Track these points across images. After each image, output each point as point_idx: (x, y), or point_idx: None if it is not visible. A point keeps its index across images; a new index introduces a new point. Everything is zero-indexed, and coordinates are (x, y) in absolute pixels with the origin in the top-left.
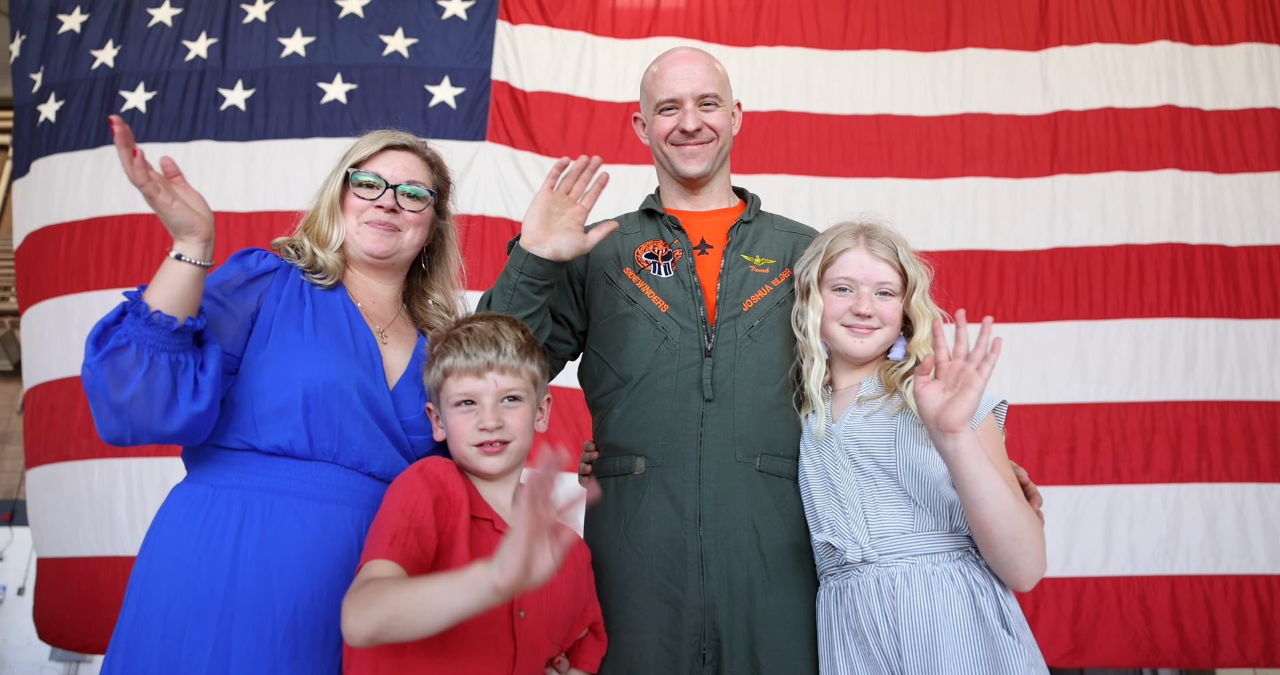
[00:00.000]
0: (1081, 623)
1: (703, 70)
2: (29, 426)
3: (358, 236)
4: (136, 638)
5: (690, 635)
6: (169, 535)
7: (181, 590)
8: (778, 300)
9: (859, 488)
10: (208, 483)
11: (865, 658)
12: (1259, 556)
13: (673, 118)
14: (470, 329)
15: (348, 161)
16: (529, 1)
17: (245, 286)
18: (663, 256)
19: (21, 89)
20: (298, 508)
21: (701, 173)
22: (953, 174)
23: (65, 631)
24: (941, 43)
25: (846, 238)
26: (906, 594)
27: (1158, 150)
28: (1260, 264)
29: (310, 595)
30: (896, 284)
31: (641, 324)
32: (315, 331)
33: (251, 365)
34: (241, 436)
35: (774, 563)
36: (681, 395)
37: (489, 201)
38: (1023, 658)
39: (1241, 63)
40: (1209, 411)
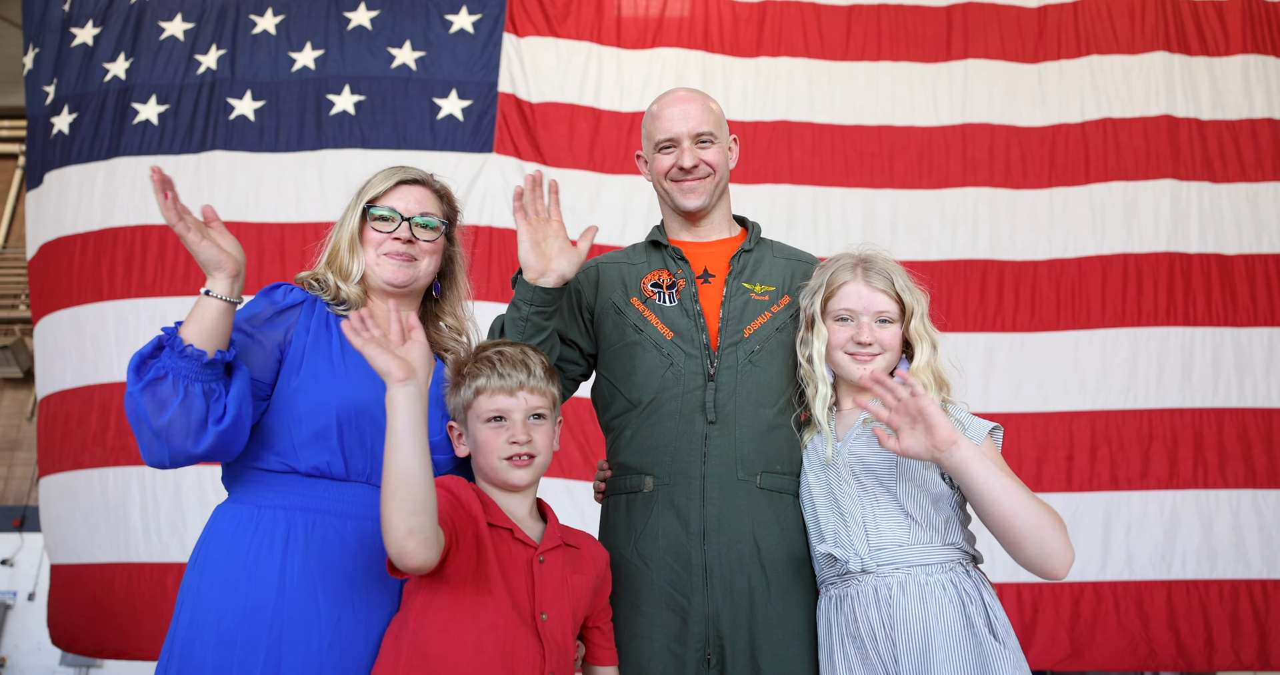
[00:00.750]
0: (1080, 627)
1: (698, 110)
2: (42, 435)
3: (377, 267)
4: (190, 646)
5: (696, 642)
6: (218, 552)
7: (233, 602)
8: (777, 326)
9: (860, 503)
10: (252, 503)
11: (864, 661)
12: (1254, 561)
13: (671, 155)
14: (502, 352)
15: (364, 197)
16: (535, 14)
17: (273, 319)
18: (667, 286)
19: (35, 101)
20: (336, 525)
21: (700, 206)
22: (953, 184)
23: (79, 637)
24: (942, 54)
25: (845, 270)
26: (902, 602)
27: (1156, 160)
28: (1257, 272)
29: (352, 605)
30: (894, 312)
31: (648, 351)
32: (344, 361)
33: (285, 393)
34: (284, 460)
35: (774, 574)
36: (686, 418)
37: (496, 213)
38: (1007, 661)
39: (1238, 73)
40: (1205, 419)
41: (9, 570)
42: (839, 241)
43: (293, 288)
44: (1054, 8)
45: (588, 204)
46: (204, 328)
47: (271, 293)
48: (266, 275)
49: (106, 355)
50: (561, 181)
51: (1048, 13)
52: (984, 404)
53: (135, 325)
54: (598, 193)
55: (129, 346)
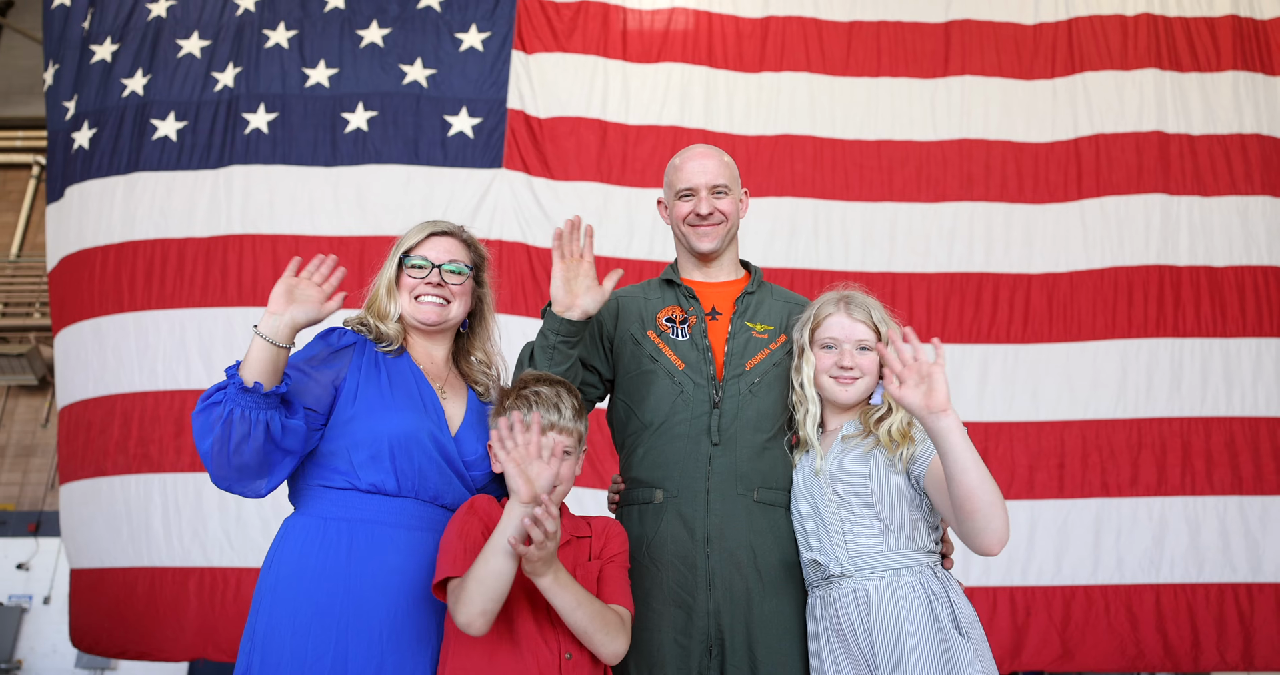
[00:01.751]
0: (1071, 629)
1: (715, 165)
2: (63, 443)
3: (414, 310)
4: (269, 638)
5: (700, 635)
6: (290, 558)
7: (306, 601)
8: (774, 361)
9: (839, 514)
10: (318, 516)
11: (846, 654)
12: (1240, 565)
13: (689, 203)
14: (539, 393)
15: (400, 249)
16: (543, 30)
17: (328, 359)
18: (680, 321)
19: (55, 116)
20: (391, 535)
21: (713, 249)
22: (951, 198)
23: (101, 639)
24: (940, 70)
25: (829, 305)
26: (877, 602)
27: (1147, 175)
28: (1246, 284)
29: (406, 602)
30: (872, 340)
31: (661, 379)
32: (392, 393)
33: (342, 421)
34: (346, 478)
35: (768, 577)
36: (693, 439)
37: (505, 227)
38: (969, 651)
39: (1229, 89)
40: (1193, 427)
41: (25, 574)
42: (839, 253)
43: (345, 331)
44: (1049, 25)
45: (595, 215)
46: (258, 368)
47: (327, 337)
48: None
49: (127, 365)
50: (568, 193)
51: (1043, 30)
52: (978, 413)
53: (155, 336)
54: (604, 204)
55: (149, 357)
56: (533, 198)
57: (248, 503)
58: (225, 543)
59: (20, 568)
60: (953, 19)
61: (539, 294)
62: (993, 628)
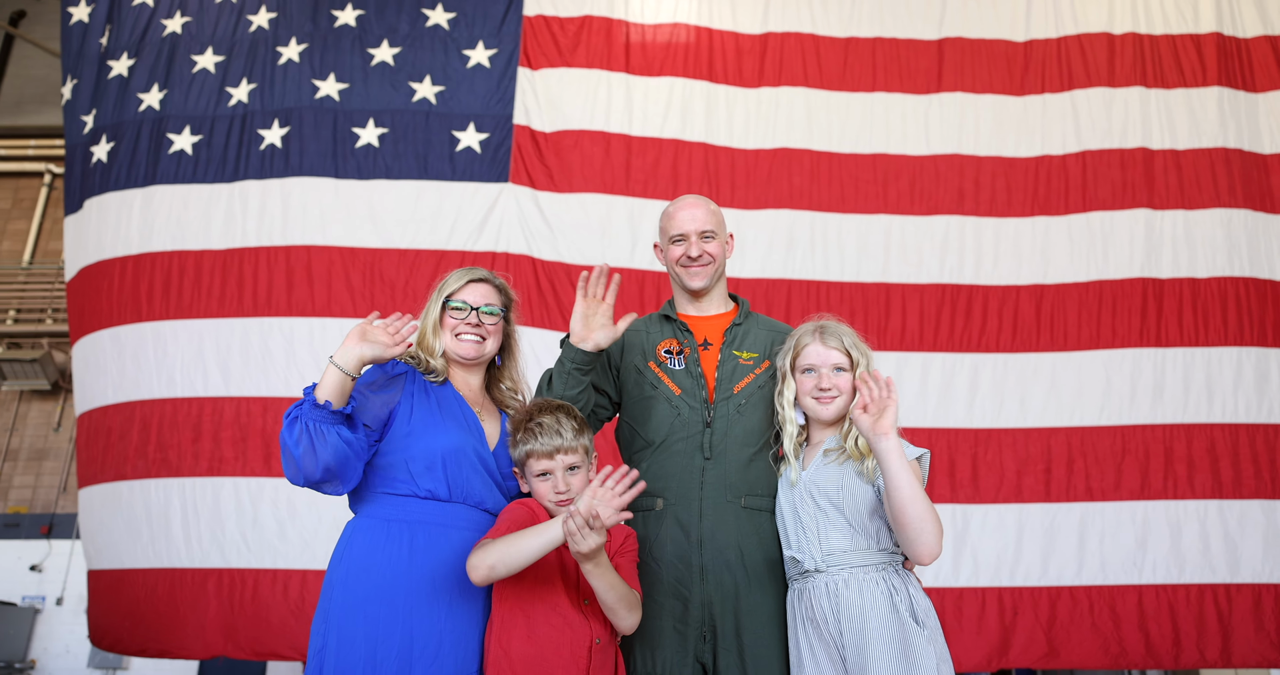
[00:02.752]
0: (1057, 628)
1: (704, 214)
2: (83, 448)
3: (455, 346)
4: (344, 621)
5: (695, 623)
6: (359, 553)
7: (375, 590)
8: (758, 385)
9: (815, 519)
10: (380, 518)
11: (819, 638)
12: (1219, 567)
13: (681, 247)
14: (541, 424)
15: (443, 294)
16: (548, 46)
17: (385, 385)
18: (676, 352)
19: (74, 130)
20: (445, 534)
21: (703, 286)
22: (943, 211)
23: (123, 638)
24: (934, 86)
25: (808, 336)
26: (846, 594)
27: (1131, 191)
28: (1229, 294)
29: (459, 590)
30: (846, 363)
31: (661, 403)
32: (441, 415)
33: (399, 437)
34: (407, 486)
35: (753, 573)
36: (689, 455)
37: (511, 240)
38: (924, 637)
39: (1214, 104)
40: (1175, 434)
41: (38, 576)
42: (835, 264)
43: (398, 362)
44: (1039, 42)
45: (598, 226)
46: (329, 391)
47: (384, 366)
48: (296, 296)
49: (146, 373)
50: (572, 205)
51: (1033, 47)
52: (969, 420)
53: (173, 345)
54: (608, 215)
55: (167, 365)
56: (538, 211)
57: (264, 506)
58: (243, 545)
59: (33, 569)
60: (945, 36)
61: (543, 305)
62: (982, 626)
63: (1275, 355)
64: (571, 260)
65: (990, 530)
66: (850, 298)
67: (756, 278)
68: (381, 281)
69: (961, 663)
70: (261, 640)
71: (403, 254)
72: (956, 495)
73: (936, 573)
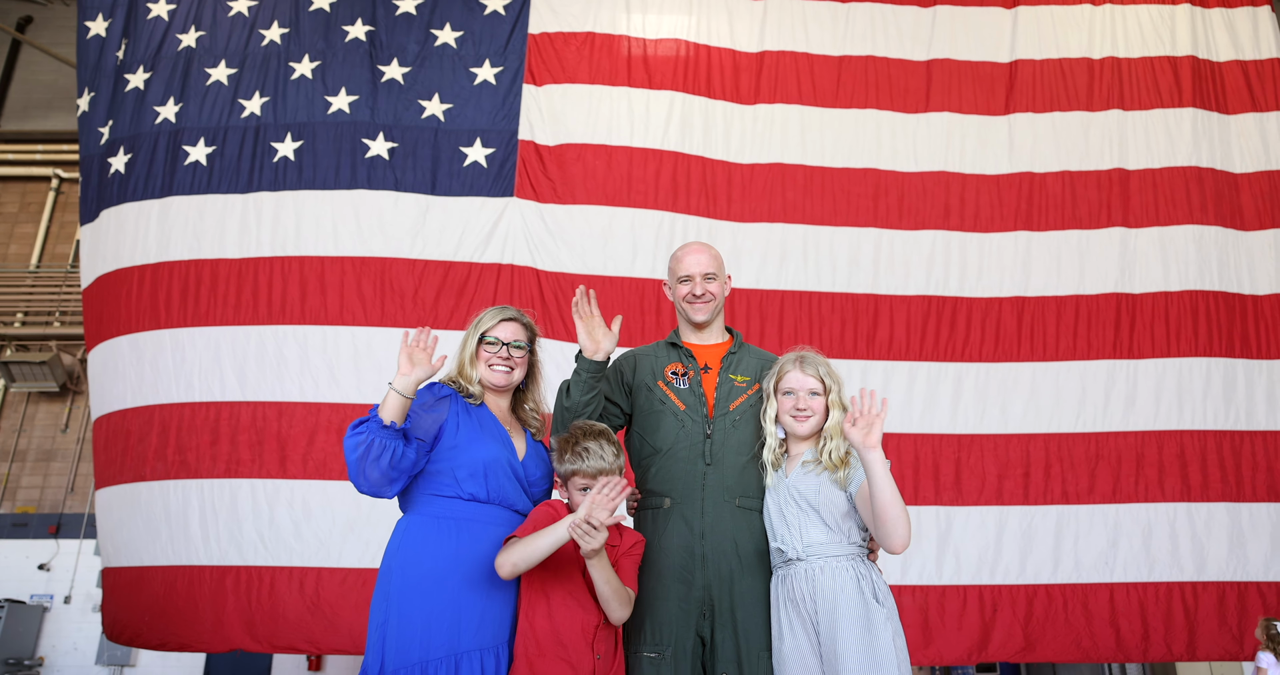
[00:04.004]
0: (1033, 623)
1: (707, 258)
2: (100, 450)
3: (488, 374)
4: (402, 601)
5: (696, 603)
6: (413, 545)
7: (429, 575)
8: (750, 403)
9: (798, 517)
10: (430, 515)
11: (798, 615)
12: (1187, 566)
13: (688, 286)
14: (588, 449)
15: (478, 330)
16: (552, 63)
17: (434, 405)
18: (681, 374)
19: (90, 141)
20: (486, 530)
21: (705, 320)
22: (930, 226)
23: (142, 632)
24: (922, 105)
25: (790, 364)
26: (821, 579)
27: (1107, 210)
28: (1200, 307)
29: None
30: (820, 389)
31: (668, 417)
32: (481, 432)
33: (447, 448)
34: (454, 490)
35: (745, 561)
36: (692, 462)
37: (516, 252)
38: (883, 614)
39: (1188, 124)
40: (1147, 440)
41: (46, 575)
42: (826, 275)
43: (444, 386)
44: (1024, 63)
45: (600, 236)
46: (390, 411)
47: (432, 388)
48: (310, 305)
49: (164, 378)
50: (574, 216)
51: (1018, 68)
52: (952, 426)
53: (191, 351)
54: (609, 225)
55: (185, 371)
56: (541, 223)
57: (280, 507)
58: (260, 544)
59: (42, 568)
60: (934, 58)
61: (545, 314)
62: (963, 622)
63: (1242, 365)
64: (574, 270)
65: (972, 530)
66: (841, 308)
67: (752, 288)
68: (392, 291)
69: (943, 656)
70: (279, 634)
71: (412, 264)
72: (940, 497)
73: (921, 571)
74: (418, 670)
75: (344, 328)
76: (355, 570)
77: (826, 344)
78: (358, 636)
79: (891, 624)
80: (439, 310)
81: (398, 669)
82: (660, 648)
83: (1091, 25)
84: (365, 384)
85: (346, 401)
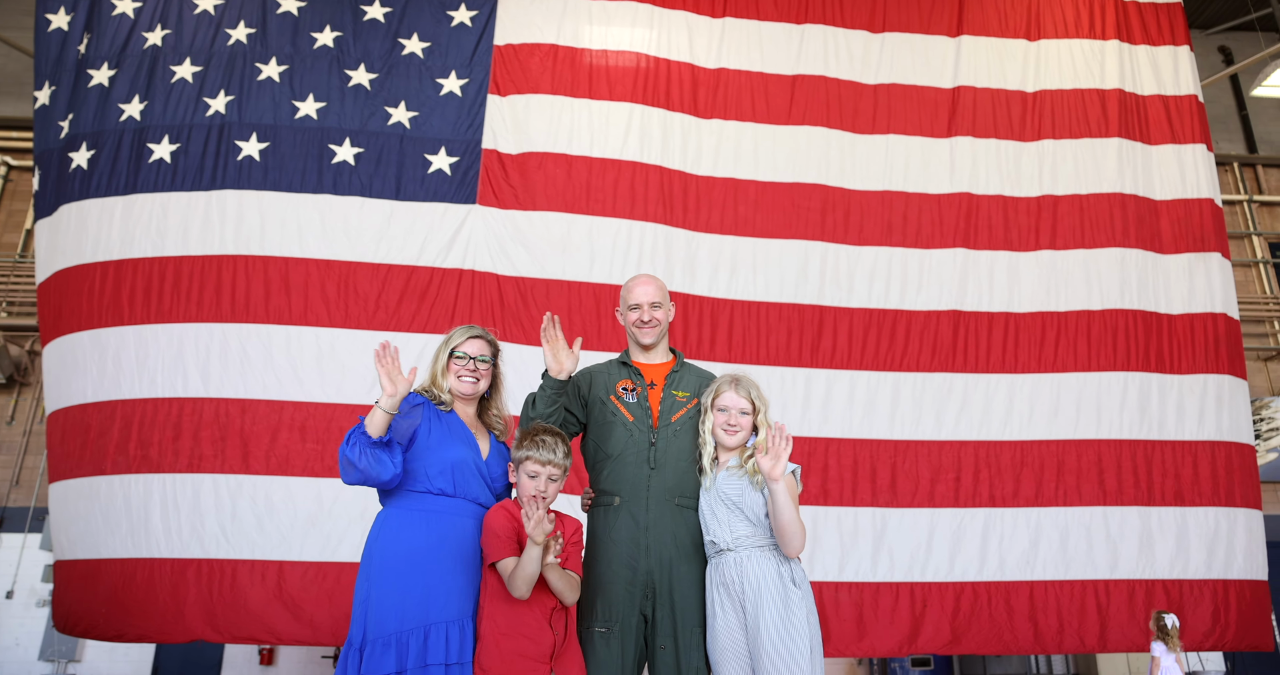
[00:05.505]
0: (959, 619)
1: (654, 289)
2: (57, 444)
3: (457, 384)
4: (381, 579)
5: (640, 585)
6: (392, 532)
7: (404, 557)
8: (689, 416)
9: (728, 514)
10: (406, 508)
11: (729, 597)
12: (1100, 565)
13: (636, 313)
14: (544, 441)
15: (449, 346)
16: (516, 74)
17: (409, 413)
18: (630, 390)
19: (49, 135)
20: (452, 520)
21: (651, 342)
22: (874, 242)
23: (98, 623)
24: (869, 126)
25: (725, 384)
26: (748, 566)
27: (1035, 234)
28: (1120, 325)
29: (461, 557)
30: (750, 408)
31: (619, 428)
32: (449, 435)
33: (421, 450)
34: (425, 485)
35: (682, 551)
36: (639, 466)
37: (478, 258)
38: (799, 596)
39: (1114, 153)
40: (1067, 449)
41: None
42: (775, 287)
43: (418, 395)
44: (966, 90)
45: (559, 242)
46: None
47: (407, 398)
48: (274, 305)
49: (127, 374)
50: (534, 223)
51: (961, 94)
52: (890, 432)
53: (154, 347)
54: (568, 232)
55: (148, 367)
56: (502, 229)
57: (242, 502)
58: (221, 537)
59: None
60: (881, 82)
61: (506, 317)
62: (894, 617)
63: (1156, 379)
64: (533, 274)
65: (905, 531)
66: (788, 318)
67: (704, 296)
68: (355, 294)
69: (875, 648)
70: (240, 625)
71: (375, 268)
72: (877, 499)
73: (857, 569)
74: (394, 639)
75: (308, 328)
76: (316, 563)
77: (773, 352)
78: (319, 628)
79: (806, 604)
80: (401, 313)
81: (376, 638)
82: (610, 624)
83: (1027, 59)
84: (328, 383)
85: (309, 400)
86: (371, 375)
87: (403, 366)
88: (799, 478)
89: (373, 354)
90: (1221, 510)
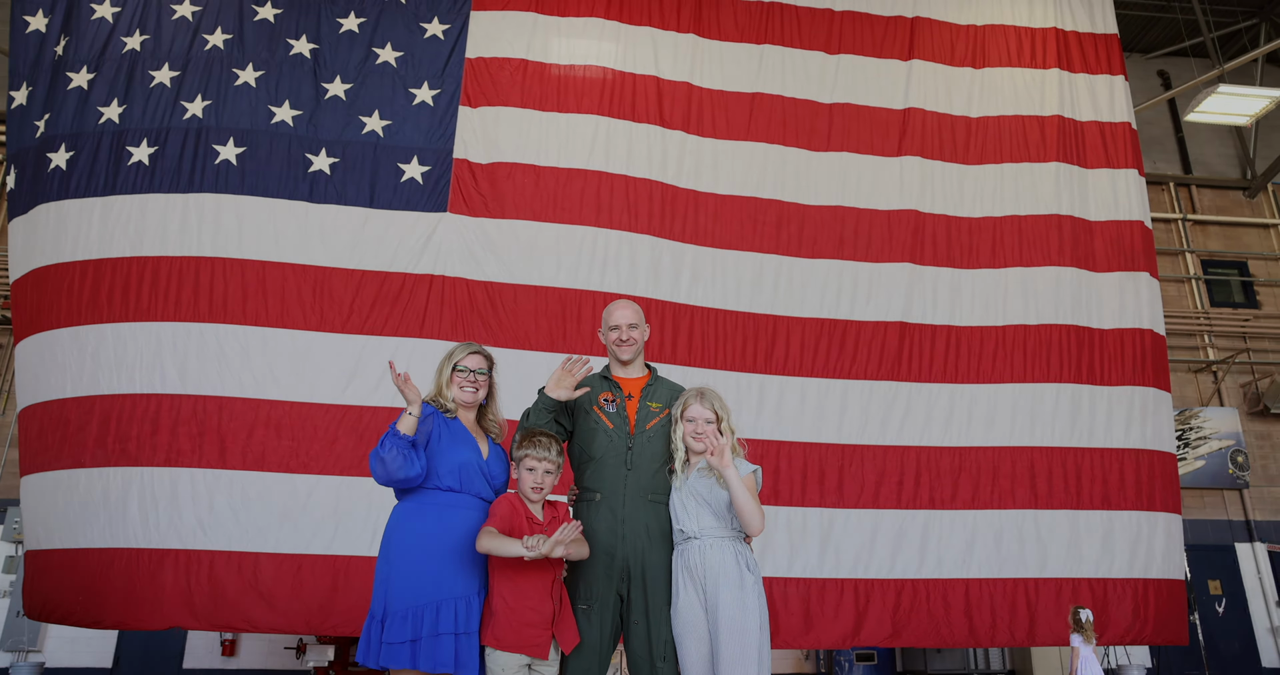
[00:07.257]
0: (900, 613)
1: (632, 313)
2: (33, 438)
3: (459, 393)
4: (399, 562)
5: (618, 569)
6: (408, 523)
7: (417, 544)
8: (661, 425)
9: (697, 508)
10: (418, 502)
11: (691, 579)
12: (1030, 564)
13: (615, 333)
14: (541, 441)
15: (451, 361)
16: (487, 86)
17: (425, 420)
18: (610, 401)
19: (25, 134)
20: (458, 512)
21: (629, 359)
22: (826, 255)
23: (74, 611)
24: (824, 144)
25: (692, 397)
26: (710, 553)
27: (975, 252)
28: (1054, 339)
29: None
30: (714, 417)
31: (600, 434)
32: (455, 440)
33: (434, 453)
34: (436, 484)
35: (654, 540)
36: (617, 467)
37: (449, 264)
38: (751, 580)
39: (1052, 177)
40: (1002, 455)
41: None
42: (731, 296)
43: (428, 406)
44: (916, 112)
45: (526, 248)
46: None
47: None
48: (251, 307)
49: (105, 370)
50: (503, 230)
51: (910, 115)
52: (838, 436)
53: (132, 345)
54: (535, 239)
55: (127, 364)
56: (473, 236)
57: (219, 495)
58: (199, 529)
59: None
60: (835, 102)
61: (476, 322)
62: (839, 612)
63: (1086, 390)
64: (501, 280)
65: (851, 531)
66: (743, 326)
67: (667, 300)
68: (330, 298)
69: (820, 641)
70: (218, 613)
71: (350, 273)
72: (824, 500)
73: (805, 565)
74: (411, 612)
75: (284, 330)
76: (291, 556)
77: (730, 358)
78: (293, 617)
79: (757, 588)
80: (374, 317)
81: (395, 610)
82: (590, 601)
83: (972, 86)
84: (303, 383)
85: (285, 399)
86: (345, 375)
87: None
88: (759, 477)
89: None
90: (1144, 514)
